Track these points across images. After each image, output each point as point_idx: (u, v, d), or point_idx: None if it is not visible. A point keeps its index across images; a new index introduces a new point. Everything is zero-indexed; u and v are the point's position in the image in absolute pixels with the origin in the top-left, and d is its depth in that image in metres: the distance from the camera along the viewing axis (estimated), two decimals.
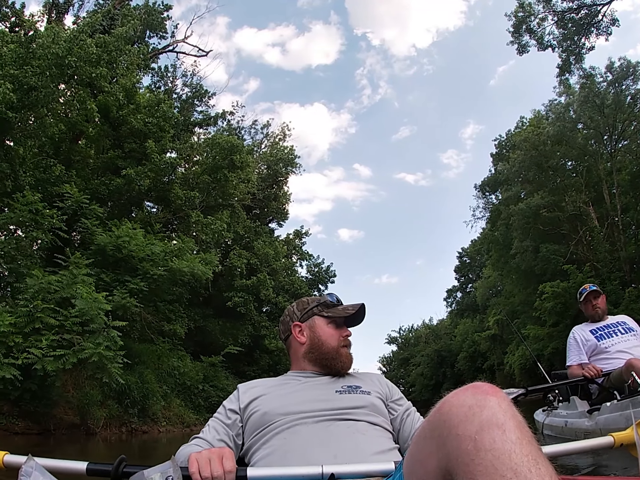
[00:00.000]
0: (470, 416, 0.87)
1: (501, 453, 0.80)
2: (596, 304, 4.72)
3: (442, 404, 0.94)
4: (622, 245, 29.99)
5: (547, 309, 30.26)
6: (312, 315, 1.95)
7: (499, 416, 0.86)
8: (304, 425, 1.61)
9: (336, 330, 1.91)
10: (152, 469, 1.21)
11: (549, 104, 34.73)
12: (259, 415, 1.68)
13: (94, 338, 11.68)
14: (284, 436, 1.59)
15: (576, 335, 4.72)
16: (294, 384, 1.82)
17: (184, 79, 28.41)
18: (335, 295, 2.01)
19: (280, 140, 37.85)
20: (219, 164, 22.59)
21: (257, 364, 31.23)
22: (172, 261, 16.67)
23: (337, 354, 1.87)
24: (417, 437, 1.03)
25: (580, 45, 22.83)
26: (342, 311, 1.93)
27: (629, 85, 29.85)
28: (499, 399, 0.90)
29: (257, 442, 1.64)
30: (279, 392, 1.77)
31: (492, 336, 44.94)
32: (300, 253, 38.96)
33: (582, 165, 33.67)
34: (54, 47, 12.42)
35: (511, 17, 23.39)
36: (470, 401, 0.89)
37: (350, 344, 1.94)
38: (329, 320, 1.93)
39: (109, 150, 20.38)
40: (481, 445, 0.82)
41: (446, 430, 0.89)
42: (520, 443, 0.82)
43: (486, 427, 0.84)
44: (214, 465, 1.28)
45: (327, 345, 1.88)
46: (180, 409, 18.67)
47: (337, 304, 1.97)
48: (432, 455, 0.93)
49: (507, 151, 38.69)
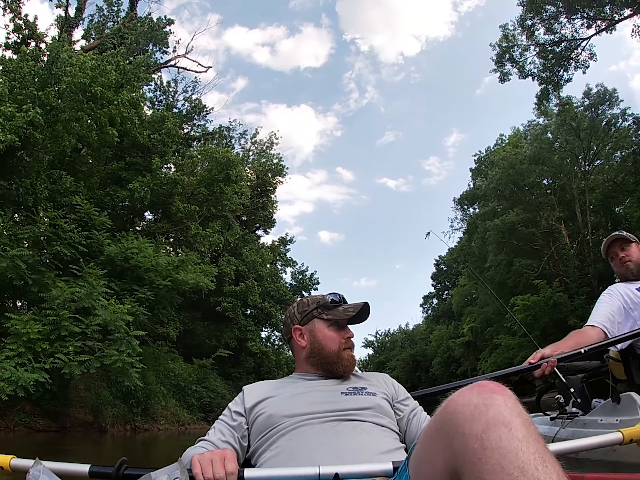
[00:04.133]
0: (477, 415, 0.87)
1: (508, 451, 0.81)
2: (624, 257, 3.22)
3: (448, 403, 0.95)
4: (592, 262, 31.80)
5: None
6: (312, 318, 1.92)
7: (505, 414, 0.86)
8: (310, 426, 1.62)
9: (337, 333, 1.88)
10: (159, 471, 1.21)
11: (528, 124, 36.78)
12: (264, 417, 1.69)
13: (116, 346, 12.93)
14: (290, 437, 1.61)
15: (612, 289, 3.18)
16: (299, 386, 1.83)
17: (185, 94, 29.53)
18: (339, 295, 1.96)
19: (267, 148, 39.07)
20: (216, 177, 23.75)
21: (242, 366, 32.37)
22: (177, 273, 17.81)
23: (338, 357, 1.85)
24: (424, 436, 1.04)
25: (559, 76, 24.58)
26: (343, 313, 1.89)
27: (605, 110, 31.91)
28: (505, 398, 0.90)
29: (263, 444, 1.66)
30: (284, 394, 1.78)
31: (467, 343, 46.66)
32: (285, 260, 40.20)
33: (557, 184, 35.58)
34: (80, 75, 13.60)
35: (495, 47, 25.12)
36: (476, 400, 0.90)
37: (353, 345, 1.93)
38: (330, 322, 1.90)
39: (111, 161, 21.40)
40: (488, 444, 0.83)
41: (452, 429, 0.90)
42: (526, 441, 0.82)
43: (492, 426, 0.85)
44: (216, 467, 1.30)
45: (327, 350, 1.86)
46: (176, 408, 19.94)
47: (338, 303, 1.93)
48: (438, 454, 0.94)
49: (486, 167, 40.38)
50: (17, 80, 14.16)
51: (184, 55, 28.80)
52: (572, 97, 32.18)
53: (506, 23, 24.50)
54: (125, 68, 15.28)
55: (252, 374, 33.66)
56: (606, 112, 32.06)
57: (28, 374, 11.15)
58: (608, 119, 32.03)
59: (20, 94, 13.99)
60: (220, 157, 23.56)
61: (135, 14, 24.12)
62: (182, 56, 28.77)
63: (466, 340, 46.29)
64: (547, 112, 33.57)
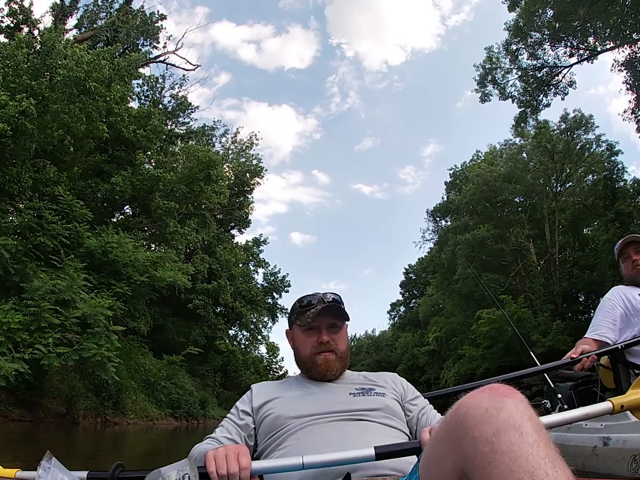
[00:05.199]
0: (487, 418, 0.87)
1: (518, 456, 0.80)
2: (638, 260, 3.17)
3: (458, 406, 0.95)
4: (557, 280, 32.82)
5: (482, 333, 32.73)
6: (292, 323, 1.94)
7: (516, 418, 0.86)
8: (318, 425, 1.62)
9: (310, 337, 1.85)
10: (169, 467, 1.22)
11: (505, 143, 37.79)
12: (272, 418, 1.70)
13: (96, 339, 13.07)
14: (298, 437, 1.61)
15: (614, 295, 3.15)
16: (307, 387, 1.83)
17: (172, 90, 29.56)
18: (310, 297, 1.90)
19: (247, 148, 39.33)
20: (197, 175, 23.92)
21: (210, 364, 32.53)
22: (154, 269, 17.95)
23: (311, 362, 1.83)
24: (434, 438, 1.04)
25: (538, 100, 25.43)
26: (306, 318, 1.84)
27: (580, 135, 33.02)
28: (516, 401, 0.90)
29: (271, 444, 1.66)
30: (292, 395, 1.78)
31: (431, 352, 47.48)
32: (258, 260, 40.43)
33: (529, 203, 36.55)
34: (76, 69, 13.70)
35: (479, 68, 25.86)
36: (487, 403, 0.90)
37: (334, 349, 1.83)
38: (302, 327, 1.87)
39: (94, 153, 21.34)
40: (498, 447, 0.83)
41: (463, 432, 0.90)
42: (537, 445, 0.82)
43: (503, 430, 0.84)
44: (230, 462, 1.31)
45: (302, 354, 1.87)
46: (145, 403, 20.04)
47: (307, 307, 1.86)
48: (448, 457, 0.94)
49: (460, 181, 41.17)
50: (11, 67, 14.18)
51: (173, 52, 28.94)
52: (550, 121, 33.30)
53: (491, 45, 25.32)
54: (120, 65, 15.41)
55: (219, 372, 33.91)
56: (581, 136, 33.18)
57: (9, 364, 11.24)
58: (583, 143, 33.16)
59: (13, 82, 14.00)
60: (202, 156, 23.74)
61: (130, 7, 24.15)
62: (171, 52, 28.91)
63: (431, 349, 47.09)
64: (523, 133, 34.53)
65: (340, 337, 1.88)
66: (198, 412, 25.20)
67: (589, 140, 32.88)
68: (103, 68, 15.02)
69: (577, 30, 22.13)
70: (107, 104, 15.50)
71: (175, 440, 16.57)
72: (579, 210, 33.50)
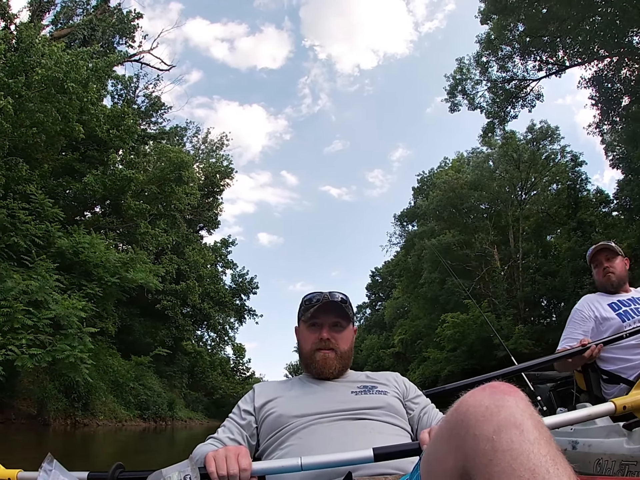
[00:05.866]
0: (488, 416, 0.87)
1: (519, 454, 0.81)
2: (608, 267, 3.22)
3: (459, 404, 0.94)
4: (520, 286, 33.74)
5: (446, 336, 33.48)
6: (299, 319, 1.96)
7: (517, 416, 0.86)
8: (320, 424, 1.62)
9: (312, 334, 1.87)
10: (171, 468, 1.22)
11: (472, 151, 38.69)
12: (274, 417, 1.69)
13: (69, 341, 13.02)
14: (300, 436, 1.61)
15: (584, 305, 3.21)
16: (309, 386, 1.83)
17: (146, 90, 29.31)
18: (316, 294, 1.92)
19: (217, 149, 39.30)
20: (168, 176, 23.84)
21: (177, 365, 32.40)
22: (125, 271, 17.89)
23: (311, 359, 1.85)
24: (435, 436, 1.03)
25: (506, 112, 26.19)
26: (309, 314, 1.86)
27: (546, 145, 34.09)
28: (517, 399, 0.90)
29: (273, 444, 1.66)
30: (294, 394, 1.79)
31: (396, 354, 48.16)
32: (226, 262, 40.40)
33: (494, 210, 37.46)
34: (55, 70, 13.61)
35: (449, 78, 26.50)
36: (488, 401, 0.90)
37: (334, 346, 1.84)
38: (307, 323, 1.89)
39: (65, 151, 21.08)
40: (499, 445, 0.83)
41: (463, 430, 0.89)
42: (538, 443, 0.82)
43: (504, 428, 0.85)
44: (230, 462, 1.31)
45: (304, 350, 1.89)
46: (114, 405, 19.93)
47: (312, 304, 1.88)
48: (449, 455, 0.93)
49: (428, 187, 41.89)
50: None
51: (148, 51, 28.76)
52: (517, 131, 34.32)
53: (462, 57, 26.04)
54: (98, 65, 15.36)
55: (186, 373, 33.79)
56: (547, 147, 34.36)
57: None
58: (548, 153, 34.30)
59: None
60: (174, 156, 23.67)
61: (107, 6, 23.91)
62: (147, 52, 28.71)
63: (396, 351, 47.74)
64: (491, 143, 35.42)
65: (343, 337, 1.87)
66: (166, 414, 25.13)
67: (554, 151, 34.04)
68: (81, 68, 14.96)
69: (547, 44, 22.88)
70: (84, 104, 15.40)
71: (143, 441, 16.61)
72: (543, 218, 34.52)
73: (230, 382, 41.06)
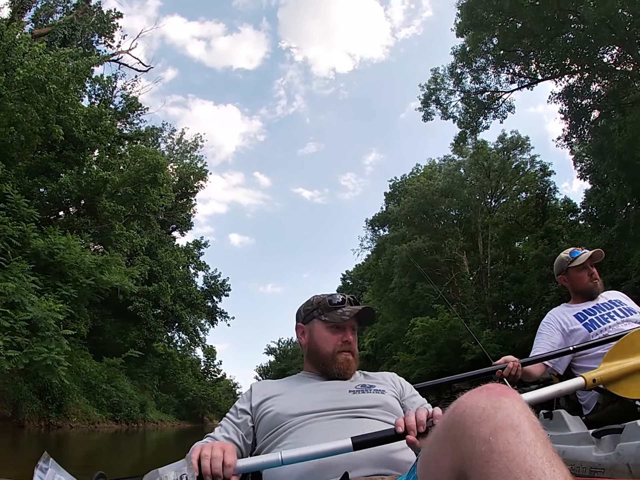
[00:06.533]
0: (485, 418, 0.88)
1: (515, 455, 0.81)
2: (595, 274, 3.24)
3: (456, 405, 0.95)
4: (488, 291, 34.46)
5: (416, 340, 33.94)
6: (313, 318, 1.92)
7: (514, 418, 0.87)
8: (317, 423, 1.62)
9: (334, 335, 1.86)
10: (167, 467, 1.22)
11: (444, 158, 39.35)
12: (271, 416, 1.69)
13: (46, 343, 13.02)
14: (297, 435, 1.60)
15: (551, 319, 3.24)
16: (307, 385, 1.84)
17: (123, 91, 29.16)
18: (341, 296, 1.93)
19: (192, 149, 39.28)
20: (143, 178, 23.76)
21: (148, 367, 32.22)
22: (101, 272, 17.86)
23: (332, 360, 1.84)
24: (432, 437, 1.03)
25: (478, 122, 26.82)
26: (339, 316, 1.85)
27: (516, 155, 34.96)
28: (513, 401, 0.90)
29: (270, 443, 1.65)
30: (291, 393, 1.79)
31: (367, 356, 48.42)
32: (198, 263, 40.36)
33: (464, 216, 38.15)
34: (37, 70, 13.59)
35: (423, 88, 27.05)
36: (484, 403, 0.90)
37: (352, 350, 1.88)
38: (328, 324, 1.88)
39: (41, 150, 20.88)
40: (495, 447, 0.83)
41: (460, 431, 0.90)
42: (534, 445, 0.83)
43: (500, 429, 0.85)
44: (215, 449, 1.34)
45: (322, 350, 1.86)
46: (87, 406, 19.84)
47: (338, 305, 1.89)
48: (446, 456, 0.93)
49: (400, 193, 42.46)
50: None
51: (127, 52, 28.62)
52: (488, 141, 35.12)
53: (437, 67, 26.54)
54: (79, 67, 15.36)
55: (157, 375, 33.63)
56: (517, 156, 35.06)
57: None
58: (518, 163, 35.07)
59: None
60: (149, 158, 23.58)
61: (89, 5, 23.78)
62: (125, 52, 28.57)
63: (366, 354, 48.01)
64: (462, 151, 36.13)
65: (356, 339, 1.92)
66: (138, 416, 25.04)
67: (524, 160, 34.75)
68: (62, 69, 14.95)
69: (521, 58, 23.54)
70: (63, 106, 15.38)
71: (116, 443, 16.67)
72: (511, 225, 35.26)
73: (202, 384, 40.96)
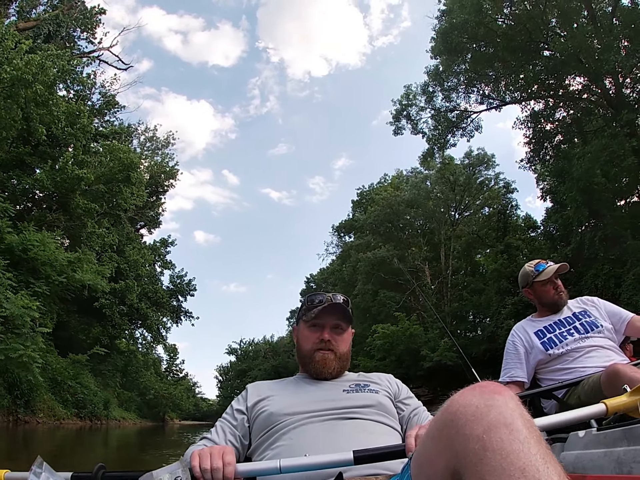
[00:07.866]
0: (478, 416, 0.87)
1: (509, 453, 0.81)
2: (560, 286, 3.26)
3: (449, 404, 0.94)
4: (448, 301, 35.54)
5: (376, 346, 34.74)
6: (299, 319, 1.96)
7: (507, 415, 0.86)
8: (311, 424, 1.62)
9: (313, 334, 1.87)
10: (161, 470, 1.22)
11: (412, 170, 40.41)
12: (265, 415, 1.70)
13: (22, 340, 13.21)
14: (291, 436, 1.60)
15: (516, 339, 3.27)
16: (302, 385, 1.85)
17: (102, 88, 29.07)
18: (322, 296, 1.92)
19: (163, 147, 39.24)
20: (116, 176, 23.87)
21: (111, 364, 32.15)
22: (73, 270, 18.01)
23: (310, 358, 1.85)
24: (425, 436, 1.03)
25: (446, 139, 27.85)
26: (311, 315, 1.86)
27: (481, 171, 36.21)
28: (506, 399, 0.90)
29: (264, 443, 1.66)
30: (286, 393, 1.79)
31: None
32: (164, 262, 40.34)
33: (428, 227, 39.24)
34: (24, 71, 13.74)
35: (395, 103, 27.92)
36: (478, 401, 0.90)
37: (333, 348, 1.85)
38: (307, 323, 1.89)
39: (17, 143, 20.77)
40: (489, 445, 0.83)
41: (454, 430, 0.89)
42: (528, 442, 0.83)
43: (494, 427, 0.85)
44: (214, 458, 1.33)
45: (302, 349, 1.89)
46: (52, 402, 19.92)
47: (317, 304, 1.88)
48: (440, 455, 0.93)
49: (367, 202, 43.31)
50: None
51: (108, 49, 28.55)
52: (454, 157, 36.32)
53: (410, 84, 27.49)
54: (64, 67, 15.53)
55: (119, 372, 33.58)
56: (482, 172, 36.50)
57: None
58: (482, 179, 36.48)
59: None
60: (124, 157, 23.69)
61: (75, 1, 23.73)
62: (106, 49, 28.50)
63: None
64: (430, 165, 37.19)
65: (343, 339, 1.88)
66: (101, 413, 25.12)
67: (488, 177, 36.20)
68: (48, 69, 15.13)
69: (491, 80, 24.65)
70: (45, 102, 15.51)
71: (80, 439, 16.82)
72: (473, 238, 36.47)
73: (164, 383, 40.97)
